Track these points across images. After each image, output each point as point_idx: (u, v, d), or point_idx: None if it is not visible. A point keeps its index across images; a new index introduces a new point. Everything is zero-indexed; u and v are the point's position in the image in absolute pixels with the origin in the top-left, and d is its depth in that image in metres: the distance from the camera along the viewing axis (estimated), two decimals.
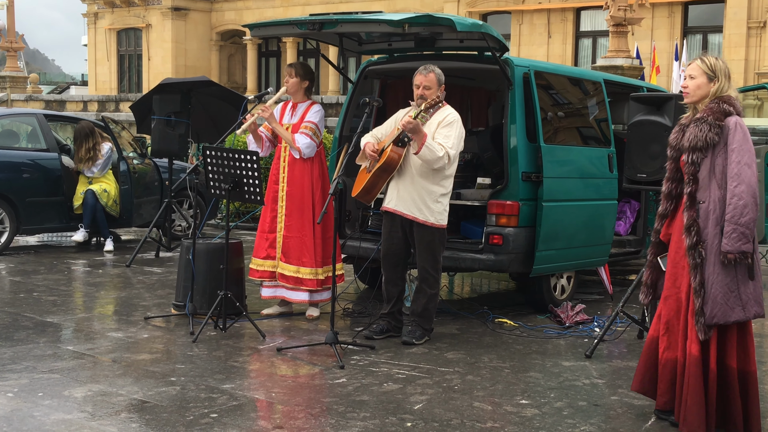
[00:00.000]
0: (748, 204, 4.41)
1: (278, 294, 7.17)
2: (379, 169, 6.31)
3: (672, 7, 27.22)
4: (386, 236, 6.54)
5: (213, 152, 6.59)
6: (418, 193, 6.28)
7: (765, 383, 5.74)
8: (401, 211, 6.34)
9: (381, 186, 6.42)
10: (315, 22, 6.89)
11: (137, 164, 11.07)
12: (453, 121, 6.27)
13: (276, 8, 37.41)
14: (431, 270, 6.41)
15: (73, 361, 5.72)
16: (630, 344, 6.63)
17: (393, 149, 6.26)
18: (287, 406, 4.95)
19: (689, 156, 4.57)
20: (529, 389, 5.38)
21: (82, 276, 9.05)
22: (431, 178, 6.27)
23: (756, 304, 4.53)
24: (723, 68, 4.64)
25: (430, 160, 6.12)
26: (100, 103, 31.05)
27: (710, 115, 4.55)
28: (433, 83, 6.31)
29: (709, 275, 4.50)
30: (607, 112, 8.17)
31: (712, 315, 4.48)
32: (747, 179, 4.43)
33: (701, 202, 4.55)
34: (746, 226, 4.40)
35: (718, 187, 4.52)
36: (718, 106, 4.57)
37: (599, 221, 7.85)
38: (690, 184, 4.58)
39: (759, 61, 24.34)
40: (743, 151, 4.48)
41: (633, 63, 19.52)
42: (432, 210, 6.29)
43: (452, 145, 6.18)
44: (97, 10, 41.48)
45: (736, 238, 4.40)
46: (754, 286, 4.53)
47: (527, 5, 29.97)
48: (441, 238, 6.41)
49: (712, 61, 4.66)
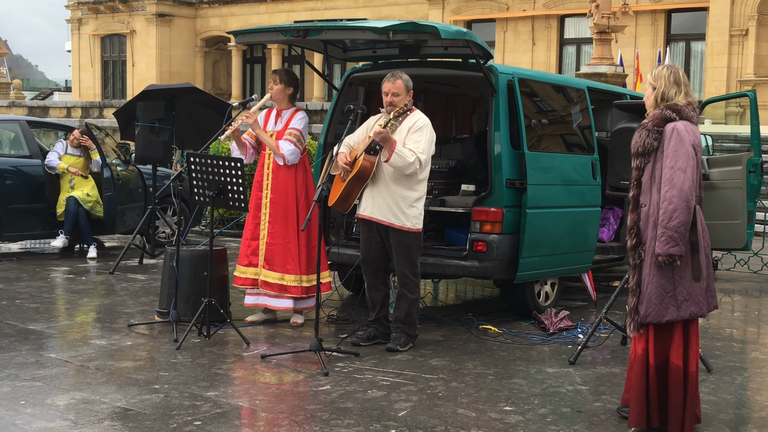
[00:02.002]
0: (678, 208, 4.52)
1: (260, 302, 7.16)
2: (353, 178, 6.34)
3: (655, 15, 27.37)
4: (364, 243, 6.56)
5: (197, 159, 6.58)
6: (393, 199, 6.31)
7: (749, 389, 5.77)
8: (377, 218, 6.36)
9: (356, 194, 6.44)
10: (300, 29, 6.89)
11: (121, 171, 11.05)
12: (423, 126, 6.31)
13: (261, 15, 37.40)
14: (410, 275, 6.42)
15: (56, 369, 5.69)
16: (613, 351, 6.65)
17: (365, 158, 6.29)
18: (271, 414, 4.94)
19: (633, 161, 4.77)
20: (513, 396, 5.39)
21: (65, 283, 9.01)
22: (405, 184, 6.30)
23: (693, 304, 4.64)
24: (665, 75, 4.75)
25: (401, 167, 6.15)
26: (84, 109, 30.92)
27: (650, 122, 4.72)
28: (402, 90, 6.34)
29: (645, 276, 4.69)
30: (590, 120, 8.21)
31: (646, 314, 4.66)
32: (679, 184, 4.54)
33: (643, 206, 4.73)
34: (675, 229, 4.52)
35: (657, 191, 4.66)
36: (661, 113, 4.71)
37: (583, 228, 7.88)
38: (634, 188, 4.78)
39: (741, 68, 24.49)
40: (677, 156, 4.58)
41: (616, 70, 19.62)
42: (407, 215, 6.32)
43: (423, 150, 6.23)
44: (81, 15, 41.34)
45: (664, 241, 4.55)
46: (694, 286, 4.64)
47: (512, 13, 30.08)
48: (417, 242, 6.44)
49: (658, 70, 4.83)
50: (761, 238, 12.31)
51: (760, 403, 5.44)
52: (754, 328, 7.89)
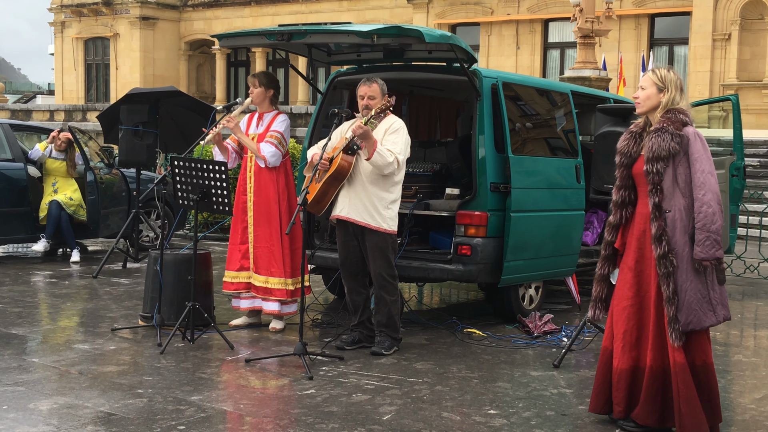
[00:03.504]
0: (716, 212, 4.51)
1: (256, 305, 7.14)
2: (330, 177, 6.33)
3: (639, 19, 27.52)
4: (341, 246, 6.57)
5: (181, 162, 6.56)
6: (370, 199, 6.32)
7: (732, 392, 5.80)
8: (353, 218, 6.37)
9: (332, 195, 6.44)
10: (284, 33, 6.89)
11: (104, 174, 10.99)
12: (399, 128, 6.35)
13: (245, 18, 37.36)
14: (387, 276, 6.42)
15: (39, 374, 5.66)
16: (597, 354, 6.65)
17: (343, 157, 6.29)
18: (255, 418, 4.92)
19: (653, 166, 4.62)
20: (497, 399, 5.40)
21: (48, 287, 8.96)
22: (381, 185, 6.31)
23: (723, 308, 4.65)
24: (674, 80, 4.74)
25: (381, 166, 6.17)
26: (67, 112, 30.79)
27: (670, 125, 4.63)
28: (377, 93, 6.37)
29: (682, 283, 4.58)
30: (574, 123, 8.24)
31: (688, 322, 4.57)
32: (712, 187, 4.54)
33: (668, 212, 4.61)
34: (717, 233, 4.51)
35: (682, 195, 4.60)
36: (676, 117, 4.65)
37: (567, 231, 7.90)
38: (656, 194, 4.63)
39: (724, 72, 24.63)
40: (704, 160, 4.59)
41: (600, 74, 19.72)
42: (384, 216, 6.33)
43: (400, 151, 6.26)
44: (64, 18, 41.17)
45: (709, 245, 4.50)
46: (720, 290, 4.65)
47: (496, 17, 30.16)
48: (393, 244, 6.45)
49: (663, 72, 4.76)
50: (744, 242, 12.39)
51: (743, 405, 5.46)
52: (737, 331, 7.94)
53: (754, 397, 5.66)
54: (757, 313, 8.95)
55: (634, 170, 4.80)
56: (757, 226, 13.95)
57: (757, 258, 11.76)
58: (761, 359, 6.81)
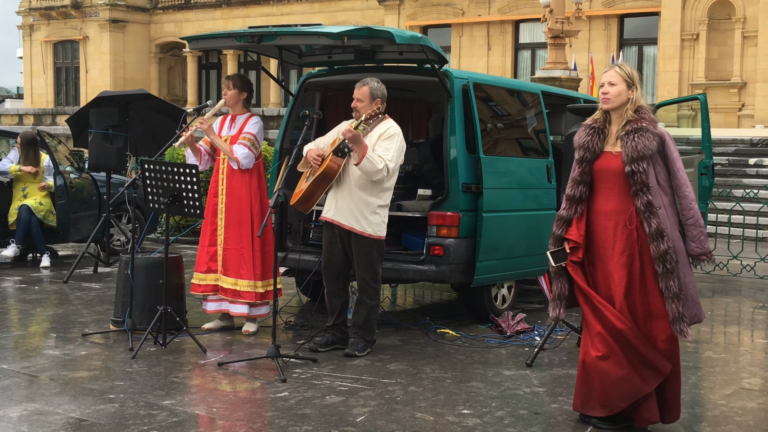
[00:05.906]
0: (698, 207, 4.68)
1: (222, 308, 7.11)
2: (318, 177, 6.31)
3: (608, 20, 27.73)
4: (326, 247, 6.54)
5: (151, 166, 6.52)
6: (356, 204, 6.29)
7: (702, 388, 5.85)
8: (339, 222, 6.35)
9: (319, 195, 6.42)
10: (254, 35, 6.87)
11: (74, 178, 10.91)
12: (393, 134, 6.30)
13: (216, 20, 37.23)
14: (371, 281, 6.41)
15: (8, 380, 5.60)
16: (570, 352, 6.70)
17: (332, 159, 6.27)
18: (228, 422, 4.90)
19: (638, 165, 4.59)
20: (470, 399, 5.41)
21: (18, 293, 8.87)
22: (369, 190, 6.29)
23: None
24: (638, 77, 4.80)
25: (369, 172, 6.14)
26: (36, 116, 30.55)
27: (650, 124, 4.64)
28: (365, 96, 6.34)
29: (683, 278, 4.62)
30: (545, 124, 8.28)
31: (692, 316, 4.64)
32: (689, 185, 4.68)
33: (659, 209, 4.62)
34: (704, 227, 4.67)
35: (663, 193, 4.67)
36: (649, 116, 4.68)
37: (539, 231, 7.92)
38: (644, 193, 4.60)
39: (693, 72, 24.88)
40: (679, 159, 4.70)
41: (571, 74, 19.83)
42: (370, 221, 6.30)
43: (392, 158, 6.21)
44: (32, 22, 40.82)
45: (704, 239, 4.63)
46: None
47: (467, 18, 30.26)
48: (379, 249, 6.42)
49: (629, 69, 4.80)
50: (713, 239, 12.51)
51: (713, 401, 5.51)
52: (707, 328, 8.01)
53: (724, 393, 5.71)
54: (726, 310, 9.03)
55: (597, 166, 4.77)
56: (725, 224, 14.11)
57: (726, 255, 11.87)
58: (731, 356, 6.88)
